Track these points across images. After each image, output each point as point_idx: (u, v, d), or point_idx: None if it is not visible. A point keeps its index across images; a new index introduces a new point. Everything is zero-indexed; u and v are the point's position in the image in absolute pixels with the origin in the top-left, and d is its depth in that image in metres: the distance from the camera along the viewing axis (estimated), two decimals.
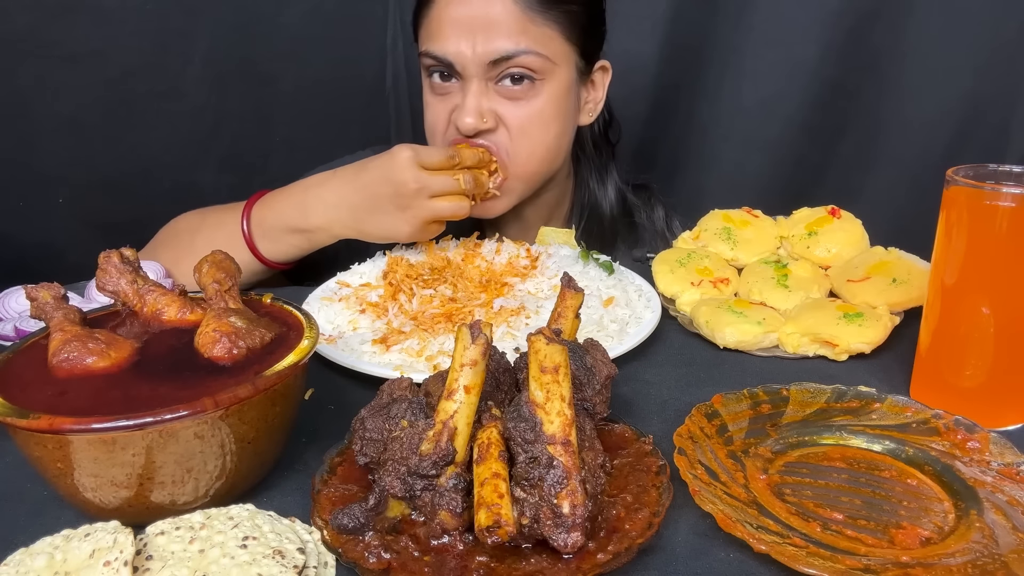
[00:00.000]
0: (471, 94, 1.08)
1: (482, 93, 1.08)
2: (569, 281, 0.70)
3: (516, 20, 1.06)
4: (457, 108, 1.09)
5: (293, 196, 1.06)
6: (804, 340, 0.88)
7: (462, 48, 1.06)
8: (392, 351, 0.84)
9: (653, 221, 1.35)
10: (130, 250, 0.72)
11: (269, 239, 1.06)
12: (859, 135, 1.62)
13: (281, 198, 1.07)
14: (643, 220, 1.34)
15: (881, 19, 1.53)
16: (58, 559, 0.52)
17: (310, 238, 1.05)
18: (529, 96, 1.10)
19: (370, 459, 0.59)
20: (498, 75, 1.08)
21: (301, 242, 1.06)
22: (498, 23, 1.05)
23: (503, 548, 0.55)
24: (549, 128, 1.13)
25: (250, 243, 1.06)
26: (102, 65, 1.32)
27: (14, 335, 0.88)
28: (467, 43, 1.06)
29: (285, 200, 1.06)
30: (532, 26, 1.07)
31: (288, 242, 1.06)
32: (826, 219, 1.05)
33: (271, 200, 1.07)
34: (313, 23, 1.50)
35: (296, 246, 1.07)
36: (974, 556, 0.55)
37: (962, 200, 0.72)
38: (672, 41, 1.61)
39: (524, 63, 1.07)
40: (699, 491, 0.59)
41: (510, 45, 1.06)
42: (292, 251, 1.07)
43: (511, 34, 1.06)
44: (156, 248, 1.15)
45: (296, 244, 1.06)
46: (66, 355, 0.61)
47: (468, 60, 1.06)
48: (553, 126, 1.14)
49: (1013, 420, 0.75)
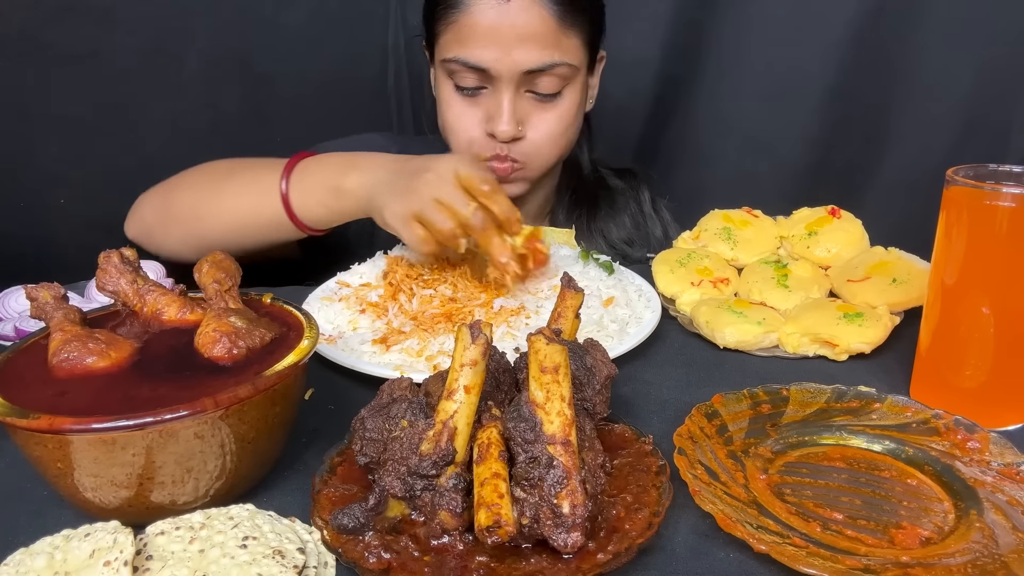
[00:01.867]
0: (507, 101, 1.10)
1: (517, 100, 1.11)
2: (569, 281, 0.70)
3: (551, 32, 1.08)
4: (493, 116, 1.11)
5: (342, 157, 1.05)
6: (804, 340, 0.88)
7: (498, 56, 1.07)
8: (392, 351, 0.84)
9: (640, 204, 1.36)
10: (130, 250, 0.72)
11: (304, 190, 1.03)
12: (859, 135, 1.62)
13: (326, 159, 1.06)
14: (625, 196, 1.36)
15: (882, 19, 1.53)
16: (58, 559, 0.52)
17: (339, 199, 1.00)
18: (556, 100, 1.13)
19: (370, 459, 0.59)
20: (529, 83, 1.10)
21: (331, 200, 1.02)
22: (534, 34, 1.07)
23: (503, 548, 0.55)
24: (569, 128, 1.18)
25: (285, 196, 1.03)
26: (102, 65, 1.32)
27: (14, 335, 0.88)
28: (503, 52, 1.07)
29: (333, 158, 1.05)
30: (564, 37, 1.09)
31: (318, 197, 1.03)
32: (826, 219, 1.05)
33: (316, 160, 1.06)
34: (313, 23, 1.50)
35: (324, 204, 1.03)
36: (974, 556, 0.55)
37: (962, 200, 0.72)
38: (672, 40, 1.61)
39: (558, 73, 1.10)
40: (699, 491, 0.59)
41: (546, 57, 1.08)
42: (319, 209, 1.03)
43: (546, 46, 1.08)
44: (175, 189, 1.13)
45: (325, 202, 1.02)
46: (66, 355, 0.61)
47: (504, 68, 1.08)
48: (573, 124, 1.18)
49: (1013, 420, 0.75)
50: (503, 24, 1.06)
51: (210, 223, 1.09)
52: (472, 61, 1.09)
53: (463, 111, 1.15)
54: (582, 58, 1.14)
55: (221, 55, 1.43)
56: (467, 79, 1.12)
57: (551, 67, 1.09)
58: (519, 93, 1.11)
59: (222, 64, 1.43)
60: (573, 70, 1.12)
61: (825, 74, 1.57)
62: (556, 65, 1.09)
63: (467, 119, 1.15)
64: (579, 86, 1.16)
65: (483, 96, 1.13)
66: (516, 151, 1.15)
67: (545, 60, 1.08)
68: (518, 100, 1.11)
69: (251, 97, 1.49)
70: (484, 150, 1.15)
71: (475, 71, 1.10)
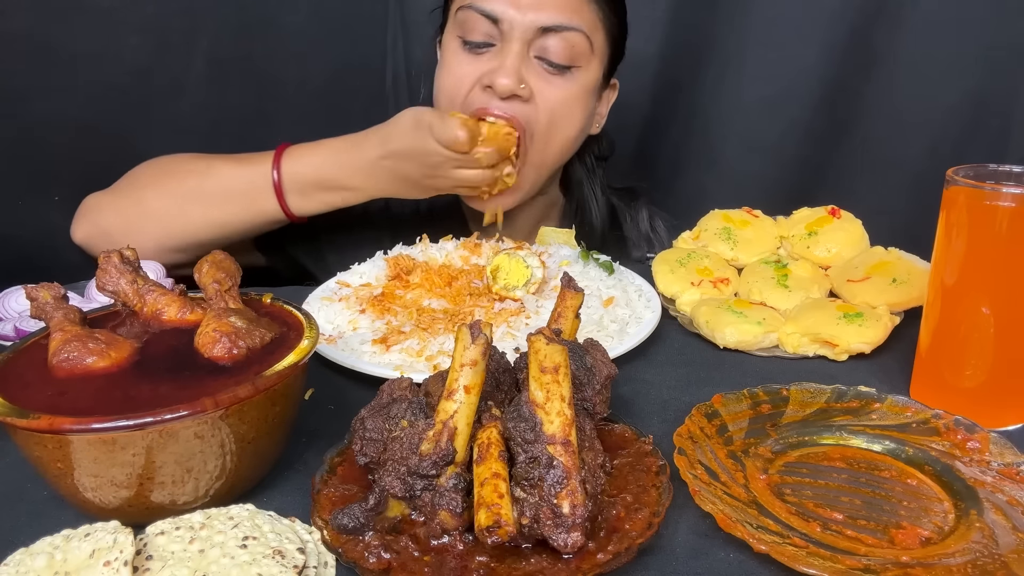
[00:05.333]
0: (512, 55, 1.05)
1: (523, 59, 1.06)
2: (569, 281, 0.70)
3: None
4: (492, 70, 1.06)
5: (327, 154, 1.05)
6: (804, 340, 0.88)
7: (512, 5, 1.04)
8: (392, 351, 0.84)
9: (637, 223, 1.35)
10: (130, 250, 0.72)
11: (301, 193, 1.06)
12: (859, 135, 1.62)
13: (312, 153, 1.06)
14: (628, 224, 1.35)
15: (882, 19, 1.52)
16: (58, 559, 0.52)
17: (345, 197, 1.07)
18: (566, 77, 1.09)
19: (370, 459, 0.59)
20: (540, 47, 1.06)
21: (334, 199, 1.07)
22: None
23: (503, 548, 0.55)
24: (575, 118, 1.13)
25: (280, 195, 1.06)
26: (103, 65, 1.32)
27: (14, 335, 0.88)
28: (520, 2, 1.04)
29: (319, 156, 1.05)
30: (586, 6, 1.07)
31: (320, 198, 1.07)
32: (826, 219, 1.05)
33: (301, 154, 1.06)
34: (314, 23, 1.50)
35: (327, 203, 1.07)
36: (974, 556, 0.55)
37: (962, 200, 0.72)
38: (672, 41, 1.61)
39: (571, 40, 1.06)
40: (699, 491, 0.59)
41: (563, 17, 1.05)
42: (321, 207, 1.08)
43: (566, 8, 1.05)
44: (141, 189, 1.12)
45: (328, 201, 1.07)
46: (66, 355, 0.61)
47: (516, 20, 1.04)
48: (578, 117, 1.13)
49: (1013, 420, 0.75)
50: None
51: (198, 226, 1.09)
52: (487, 8, 1.05)
53: (466, 69, 1.09)
54: (598, 44, 1.10)
55: (223, 55, 1.43)
56: (476, 31, 1.07)
57: (566, 28, 1.05)
58: (528, 56, 1.06)
59: (223, 64, 1.43)
60: (587, 46, 1.07)
61: (825, 74, 1.57)
62: (571, 28, 1.05)
63: (468, 77, 1.08)
64: (588, 80, 1.11)
65: (489, 53, 1.08)
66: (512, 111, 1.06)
67: (562, 19, 1.05)
68: (526, 62, 1.06)
69: (253, 97, 1.49)
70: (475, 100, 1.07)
71: (487, 21, 1.05)
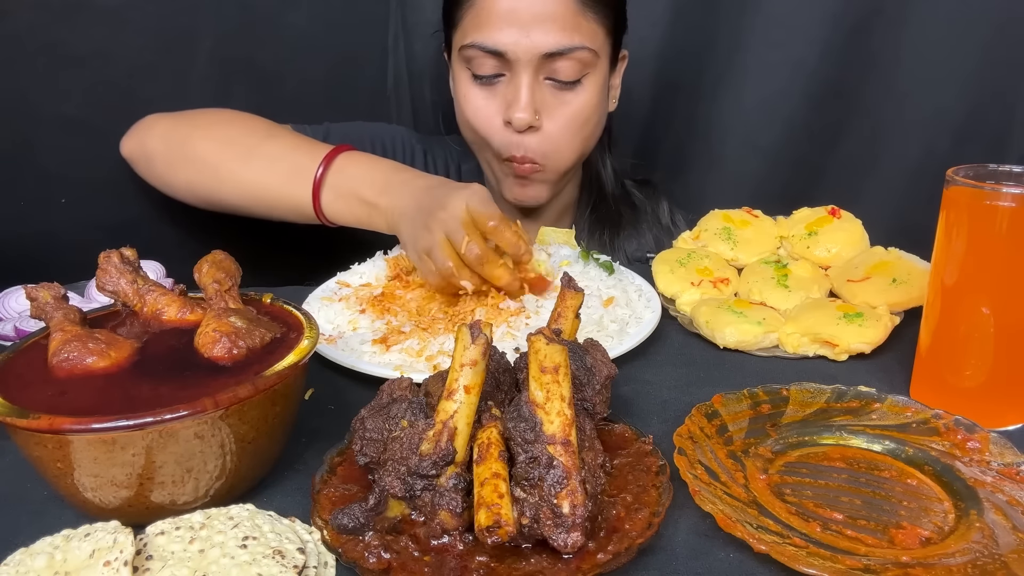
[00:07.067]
0: (525, 87, 1.08)
1: (534, 86, 1.08)
2: (569, 281, 0.70)
3: (571, 14, 1.06)
4: (510, 103, 1.09)
5: (379, 171, 1.03)
6: (804, 340, 0.88)
7: (516, 39, 1.05)
8: (392, 351, 0.84)
9: (658, 216, 1.35)
10: (130, 250, 0.72)
11: (337, 193, 1.03)
12: (859, 135, 1.62)
13: (367, 166, 1.03)
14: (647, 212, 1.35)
15: (881, 19, 1.52)
16: (58, 559, 0.52)
17: (371, 214, 1.01)
18: (576, 91, 1.11)
19: (370, 459, 0.59)
20: (549, 70, 1.08)
21: (361, 214, 1.02)
22: (554, 16, 1.05)
23: (503, 548, 0.55)
24: (589, 122, 1.15)
25: (317, 188, 1.03)
26: (105, 65, 1.32)
27: (14, 335, 0.88)
28: (521, 34, 1.05)
29: (371, 169, 1.03)
30: (584, 21, 1.07)
31: (350, 208, 1.03)
32: (826, 219, 1.05)
33: (356, 161, 1.04)
34: (315, 23, 1.50)
35: (355, 215, 1.03)
36: (974, 556, 0.55)
37: (962, 200, 0.72)
38: (672, 41, 1.61)
39: (577, 58, 1.07)
40: (699, 491, 0.59)
41: (565, 40, 1.06)
42: (348, 217, 1.04)
43: (565, 28, 1.06)
44: (196, 129, 1.11)
45: (356, 214, 1.03)
46: (66, 355, 0.61)
47: (522, 52, 1.06)
48: (593, 119, 1.15)
49: (1013, 420, 0.75)
50: (521, 5, 1.05)
51: (230, 185, 1.07)
52: (489, 45, 1.07)
53: (481, 103, 1.13)
54: (603, 46, 1.11)
55: (226, 55, 1.43)
56: (484, 66, 1.09)
57: (570, 50, 1.06)
58: (538, 80, 1.09)
59: (226, 64, 1.43)
60: (593, 56, 1.09)
61: (825, 74, 1.57)
62: (575, 48, 1.06)
63: (485, 111, 1.13)
64: (599, 78, 1.13)
65: (501, 84, 1.11)
66: (533, 146, 1.11)
67: (564, 43, 1.06)
68: (537, 88, 1.09)
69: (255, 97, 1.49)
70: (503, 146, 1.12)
71: (493, 56, 1.08)
